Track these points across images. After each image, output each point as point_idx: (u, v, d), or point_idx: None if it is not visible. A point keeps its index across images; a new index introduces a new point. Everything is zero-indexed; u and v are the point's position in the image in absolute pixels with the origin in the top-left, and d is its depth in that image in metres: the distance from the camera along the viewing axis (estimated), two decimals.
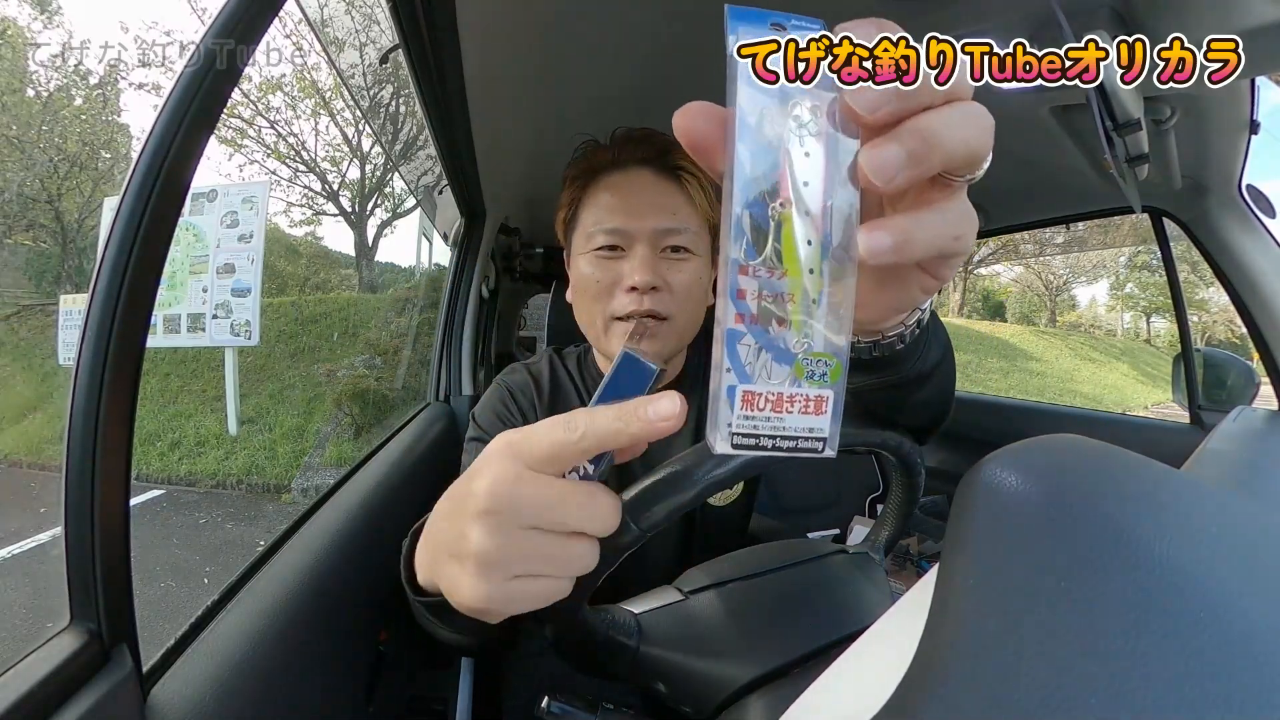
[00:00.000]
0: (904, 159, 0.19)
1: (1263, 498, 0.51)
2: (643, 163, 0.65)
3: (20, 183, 6.86)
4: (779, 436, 0.19)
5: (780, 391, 0.19)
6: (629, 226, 0.62)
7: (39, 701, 0.33)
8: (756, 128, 0.19)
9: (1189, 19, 0.58)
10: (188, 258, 5.08)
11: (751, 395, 0.19)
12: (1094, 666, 0.18)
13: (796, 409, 0.19)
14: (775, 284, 0.19)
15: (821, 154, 0.19)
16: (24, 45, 7.44)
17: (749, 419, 0.19)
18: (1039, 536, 0.22)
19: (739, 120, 0.19)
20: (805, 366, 0.19)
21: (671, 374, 0.72)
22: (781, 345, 0.19)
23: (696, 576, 0.52)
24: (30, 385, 5.92)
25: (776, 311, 0.19)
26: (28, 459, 5.11)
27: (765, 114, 0.19)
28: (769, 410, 0.19)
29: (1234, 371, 1.18)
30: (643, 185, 0.64)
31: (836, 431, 0.20)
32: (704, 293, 0.67)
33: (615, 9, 0.70)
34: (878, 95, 0.19)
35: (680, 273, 0.63)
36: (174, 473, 4.82)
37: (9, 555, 3.44)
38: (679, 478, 0.39)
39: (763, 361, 0.19)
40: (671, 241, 0.63)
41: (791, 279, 0.19)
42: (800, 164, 0.19)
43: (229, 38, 0.39)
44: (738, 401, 0.19)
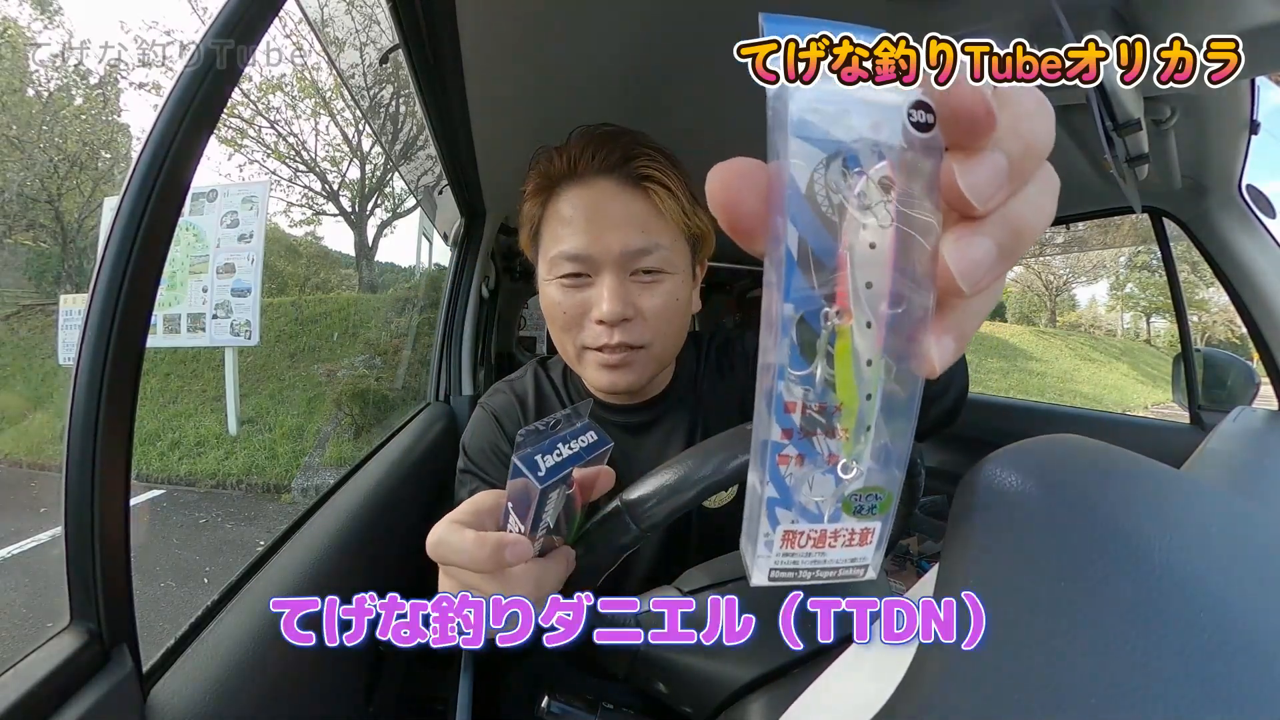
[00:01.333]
0: (995, 257, 0.15)
1: (1263, 498, 0.51)
2: (603, 172, 0.57)
3: (20, 183, 6.86)
4: (820, 569, 0.17)
5: (824, 529, 0.17)
6: (593, 251, 0.55)
7: (39, 701, 0.33)
8: (810, 199, 0.15)
9: (1189, 19, 0.58)
10: (188, 258, 5.08)
11: (792, 535, 0.16)
12: (1094, 666, 0.18)
13: (840, 543, 0.17)
14: (826, 397, 0.16)
15: (890, 246, 0.15)
16: (24, 45, 7.44)
17: (789, 555, 0.17)
18: (1039, 536, 0.22)
19: (788, 186, 0.15)
20: (853, 503, 0.16)
21: (659, 386, 0.67)
22: (826, 459, 0.16)
23: (696, 576, 0.52)
24: (30, 385, 5.92)
25: (824, 422, 0.16)
26: (28, 459, 5.12)
27: (821, 180, 0.15)
28: (810, 546, 0.17)
29: (1234, 371, 1.18)
30: (605, 199, 0.56)
31: (880, 559, 0.18)
32: (684, 311, 0.60)
33: (616, 8, 0.69)
34: (991, 179, 0.15)
35: (654, 296, 0.57)
36: (174, 473, 4.82)
37: (9, 555, 3.44)
38: (678, 478, 0.39)
39: (805, 473, 0.16)
40: (642, 264, 0.56)
41: (844, 399, 0.16)
42: (863, 257, 0.15)
43: (229, 38, 0.39)
44: (777, 541, 0.16)
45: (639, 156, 0.57)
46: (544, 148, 0.61)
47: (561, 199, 0.58)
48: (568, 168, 0.58)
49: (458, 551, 0.33)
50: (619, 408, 0.66)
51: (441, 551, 0.34)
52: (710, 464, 0.39)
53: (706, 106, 0.85)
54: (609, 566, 0.41)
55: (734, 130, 0.89)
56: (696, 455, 0.40)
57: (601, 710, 0.47)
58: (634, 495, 0.40)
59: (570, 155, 0.58)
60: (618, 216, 0.56)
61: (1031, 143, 0.16)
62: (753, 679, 0.43)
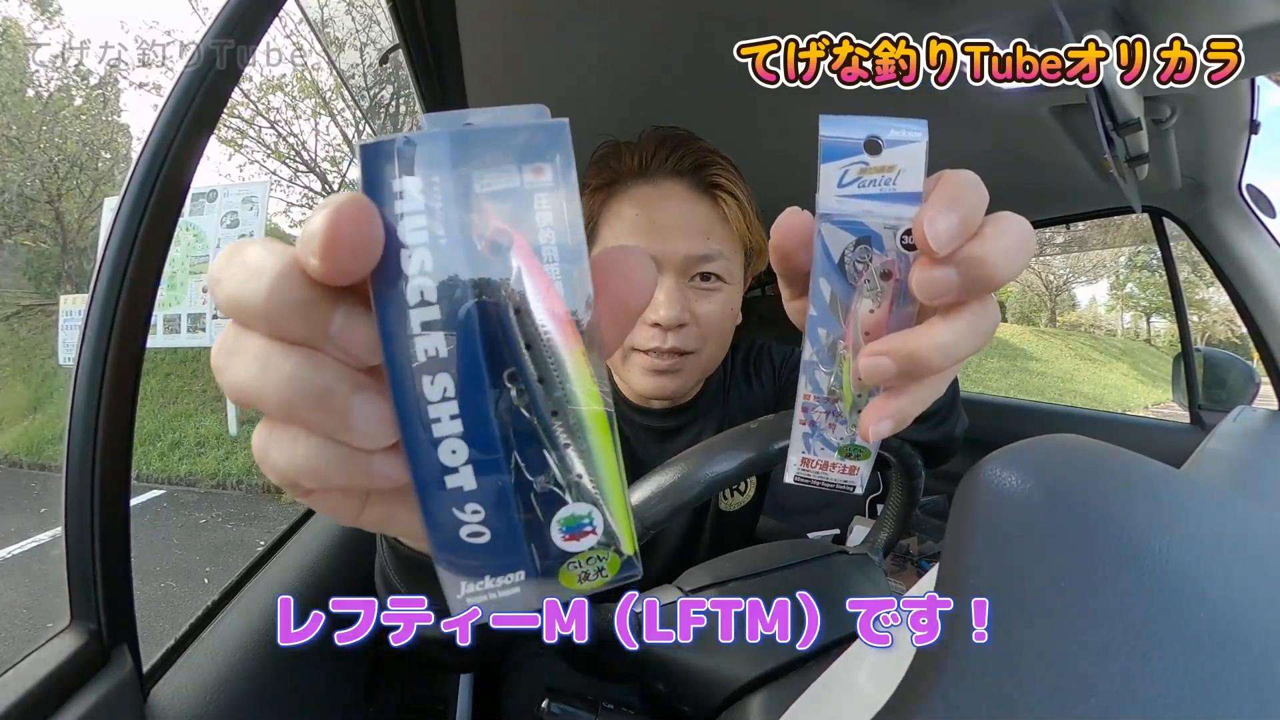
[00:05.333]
0: (957, 285, 0.19)
1: (1263, 498, 0.51)
2: (675, 174, 0.57)
3: (20, 183, 6.86)
4: (824, 481, 0.26)
5: (828, 460, 0.25)
6: (657, 250, 0.54)
7: (39, 701, 0.33)
8: (838, 269, 0.22)
9: (1189, 19, 0.58)
10: (188, 258, 5.09)
11: (809, 460, 0.26)
12: (1094, 666, 0.18)
13: (837, 472, 0.26)
14: (834, 409, 0.24)
15: (885, 314, 0.22)
16: (24, 45, 7.44)
17: (805, 470, 0.26)
18: (1039, 536, 0.22)
19: (821, 252, 0.22)
20: (846, 449, 0.25)
21: (691, 393, 0.66)
22: (830, 439, 0.25)
23: (697, 575, 0.52)
24: (30, 385, 5.92)
25: (833, 403, 0.24)
26: (28, 459, 5.12)
27: (846, 254, 0.21)
28: (818, 469, 0.26)
29: (1234, 371, 1.18)
30: (674, 201, 0.56)
31: (864, 483, 0.26)
32: (732, 322, 0.61)
33: (616, 8, 0.69)
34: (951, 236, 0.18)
35: (710, 304, 0.57)
36: (174, 473, 4.82)
37: (9, 555, 3.44)
38: (681, 475, 0.39)
39: (817, 445, 0.25)
40: (703, 269, 0.56)
41: (845, 404, 0.24)
42: (865, 317, 0.22)
43: (229, 38, 0.39)
44: (798, 462, 0.26)
45: (712, 164, 0.57)
46: (610, 141, 0.60)
47: (626, 197, 0.57)
48: (639, 166, 0.57)
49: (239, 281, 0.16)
50: (650, 411, 0.65)
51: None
52: (711, 463, 0.39)
53: (707, 106, 0.85)
54: None
55: (734, 130, 0.89)
56: (697, 455, 0.40)
57: (601, 710, 0.47)
58: (635, 494, 0.40)
59: (643, 154, 0.57)
60: (685, 221, 0.56)
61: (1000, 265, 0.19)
62: (753, 679, 0.43)
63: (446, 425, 0.15)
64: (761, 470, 0.43)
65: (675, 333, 0.55)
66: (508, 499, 0.16)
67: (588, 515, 0.17)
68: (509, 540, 0.17)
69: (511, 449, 0.16)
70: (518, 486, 0.16)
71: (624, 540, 0.18)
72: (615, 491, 0.17)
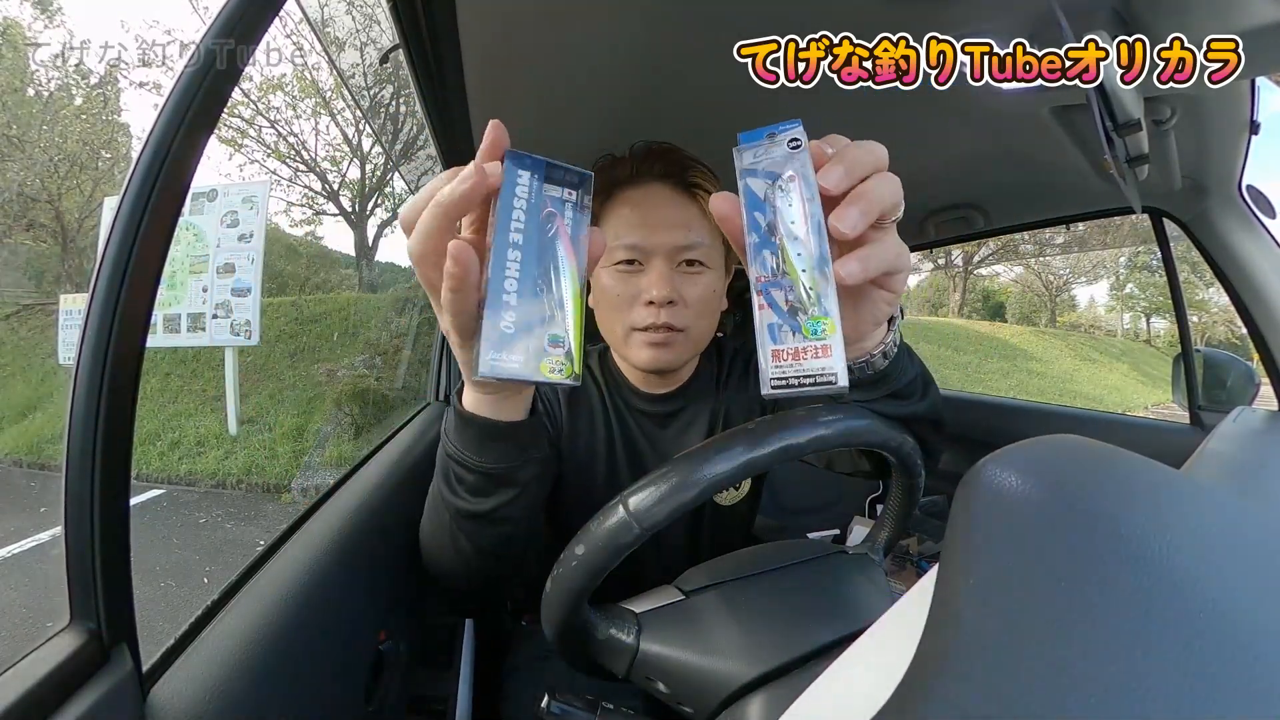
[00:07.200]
0: (859, 216, 0.30)
1: (1263, 498, 0.51)
2: (661, 178, 0.68)
3: (20, 183, 6.86)
4: (802, 376, 0.27)
5: (796, 346, 0.28)
6: (647, 242, 0.64)
7: (39, 701, 0.33)
8: (760, 197, 0.32)
9: (1189, 19, 0.58)
10: (188, 257, 5.09)
11: (778, 351, 0.28)
12: (1093, 666, 0.18)
13: (810, 356, 0.27)
14: (784, 283, 0.29)
15: (797, 203, 0.31)
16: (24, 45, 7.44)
17: (779, 367, 0.28)
18: (1039, 536, 0.22)
19: (747, 197, 0.32)
20: (809, 326, 0.28)
21: (684, 376, 0.75)
22: (794, 321, 0.28)
23: (697, 576, 0.52)
24: (30, 384, 5.92)
25: (789, 299, 0.28)
26: (28, 458, 5.12)
27: (763, 189, 0.32)
28: (790, 359, 0.27)
29: (1234, 372, 1.18)
30: (660, 200, 0.67)
31: (843, 370, 0.27)
32: (717, 303, 0.69)
33: (617, 8, 0.69)
34: (840, 177, 0.31)
35: (695, 286, 0.66)
36: (174, 472, 4.82)
37: (9, 555, 3.44)
38: (680, 477, 0.39)
39: (784, 331, 0.28)
40: (687, 256, 0.66)
41: (792, 279, 0.29)
42: (784, 212, 0.31)
43: (229, 38, 0.39)
44: (769, 357, 0.28)
45: (692, 169, 0.68)
46: (608, 154, 0.73)
47: (622, 198, 0.68)
48: (631, 173, 0.69)
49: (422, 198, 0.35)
50: (648, 396, 0.74)
51: (408, 214, 0.36)
52: (710, 463, 0.39)
53: (705, 106, 0.85)
54: (610, 567, 0.41)
55: (732, 129, 0.89)
56: (697, 454, 0.40)
57: (601, 710, 0.47)
58: (635, 496, 0.40)
59: (635, 163, 0.69)
60: (671, 216, 0.66)
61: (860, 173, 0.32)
62: (753, 679, 0.43)
63: (512, 273, 0.31)
64: (761, 470, 0.43)
65: (667, 309, 0.64)
66: (529, 317, 0.32)
67: (562, 335, 0.32)
68: (522, 338, 0.31)
69: (539, 295, 0.32)
70: (534, 314, 0.32)
71: (576, 362, 0.32)
72: (577, 330, 0.32)
